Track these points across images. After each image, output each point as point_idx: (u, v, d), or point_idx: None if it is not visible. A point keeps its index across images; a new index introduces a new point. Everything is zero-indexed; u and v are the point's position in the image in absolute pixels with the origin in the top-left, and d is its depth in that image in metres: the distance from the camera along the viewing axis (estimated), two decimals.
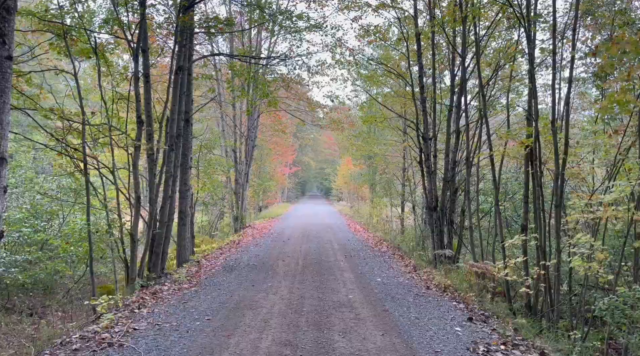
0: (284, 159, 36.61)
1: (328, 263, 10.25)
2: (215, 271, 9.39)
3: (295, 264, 10.04)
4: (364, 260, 10.76)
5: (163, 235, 9.29)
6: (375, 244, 14.03)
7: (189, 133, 11.00)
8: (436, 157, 13.02)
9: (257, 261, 10.41)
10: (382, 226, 21.40)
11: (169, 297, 7.09)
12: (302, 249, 12.48)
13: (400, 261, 10.96)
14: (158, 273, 9.11)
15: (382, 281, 8.33)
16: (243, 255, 11.49)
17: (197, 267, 9.85)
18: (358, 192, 32.19)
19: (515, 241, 7.79)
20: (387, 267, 9.90)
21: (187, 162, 10.90)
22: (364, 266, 9.87)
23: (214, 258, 11.35)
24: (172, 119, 9.46)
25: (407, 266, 10.20)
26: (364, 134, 21.30)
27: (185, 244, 10.78)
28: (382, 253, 12.29)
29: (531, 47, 7.54)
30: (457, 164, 12.78)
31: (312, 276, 8.64)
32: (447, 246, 12.14)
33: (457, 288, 7.92)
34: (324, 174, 57.14)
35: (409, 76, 13.72)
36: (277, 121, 22.00)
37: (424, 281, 8.46)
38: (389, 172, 22.30)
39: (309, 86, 18.65)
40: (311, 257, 11.03)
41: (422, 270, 9.68)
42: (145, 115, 8.88)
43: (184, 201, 10.87)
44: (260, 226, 19.57)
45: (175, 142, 9.49)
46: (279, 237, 15.52)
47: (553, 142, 7.14)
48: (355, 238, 15.59)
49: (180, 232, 10.75)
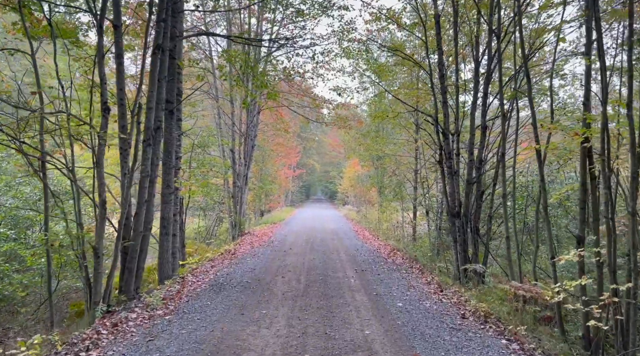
0: (287, 161, 35.01)
1: (336, 279, 8.62)
2: (200, 290, 7.79)
3: (297, 281, 8.42)
4: (377, 276, 9.12)
5: (138, 247, 7.72)
6: (388, 255, 12.39)
7: (174, 127, 9.44)
8: (459, 156, 11.39)
9: (252, 278, 8.80)
10: (392, 232, 19.74)
11: (134, 330, 5.49)
12: (305, 261, 10.86)
13: (421, 277, 9.32)
14: (131, 293, 7.53)
15: (404, 306, 6.70)
16: (237, 269, 9.89)
17: (180, 285, 8.26)
18: (365, 195, 30.53)
19: (571, 257, 6.15)
20: (406, 285, 8.26)
21: (170, 161, 9.34)
22: (379, 285, 8.23)
23: (203, 272, 9.75)
24: (150, 108, 7.90)
25: (430, 284, 8.56)
26: (373, 133, 19.68)
27: (168, 258, 9.19)
28: (397, 265, 10.65)
29: (596, 10, 5.92)
30: (483, 163, 11.18)
31: (316, 299, 7.01)
32: (473, 258, 10.57)
33: (499, 316, 6.29)
34: (328, 177, 55.49)
35: (426, 65, 12.16)
36: (279, 119, 20.42)
37: (456, 306, 6.81)
38: (399, 174, 20.66)
39: (313, 78, 17.06)
40: (316, 272, 9.41)
41: (448, 290, 8.05)
42: (118, 103, 7.34)
43: (167, 206, 9.29)
44: (260, 233, 17.96)
45: (153, 136, 7.92)
46: (280, 246, 13.92)
47: (629, 130, 5.51)
48: (365, 247, 13.95)
49: (163, 243, 9.17)
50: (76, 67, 9.22)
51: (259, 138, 24.32)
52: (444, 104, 11.32)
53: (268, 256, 11.76)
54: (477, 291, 8.41)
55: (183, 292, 7.70)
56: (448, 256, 14.30)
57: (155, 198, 8.42)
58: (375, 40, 12.38)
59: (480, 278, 9.82)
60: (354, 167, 32.82)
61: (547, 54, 13.01)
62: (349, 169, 34.80)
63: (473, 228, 10.73)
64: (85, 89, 8.37)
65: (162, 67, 8.30)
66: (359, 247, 13.84)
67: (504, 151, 8.34)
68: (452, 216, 11.11)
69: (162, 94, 8.36)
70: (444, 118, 11.37)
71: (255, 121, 18.29)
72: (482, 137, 10.73)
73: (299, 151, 40.56)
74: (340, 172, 44.30)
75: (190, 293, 7.63)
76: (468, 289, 8.53)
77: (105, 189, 6.78)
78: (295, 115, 24.71)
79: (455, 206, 10.98)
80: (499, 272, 11.66)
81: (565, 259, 6.27)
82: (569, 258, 6.15)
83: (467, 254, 10.52)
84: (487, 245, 10.94)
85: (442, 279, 9.02)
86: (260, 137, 24.33)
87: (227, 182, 18.69)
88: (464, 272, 10.01)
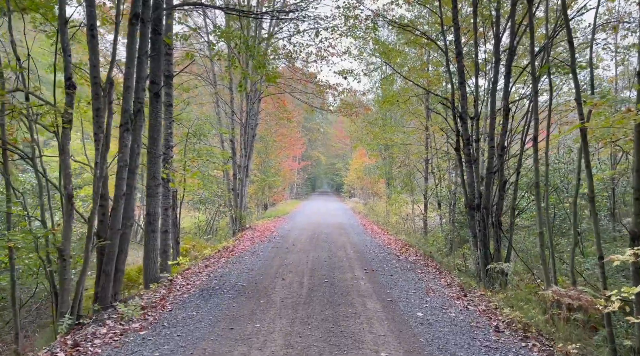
0: (291, 153, 33.94)
1: (344, 282, 7.59)
2: (188, 296, 6.79)
3: (299, 284, 7.39)
4: (390, 277, 8.08)
5: (116, 248, 6.72)
6: (400, 251, 11.34)
7: (160, 111, 8.39)
8: (478, 142, 10.31)
9: (249, 280, 7.79)
10: (402, 226, 18.67)
11: (98, 351, 4.50)
12: (309, 259, 9.85)
13: (439, 277, 8.28)
14: (108, 301, 6.55)
15: (425, 316, 5.65)
16: (233, 269, 8.89)
17: (167, 290, 7.27)
18: (372, 188, 29.44)
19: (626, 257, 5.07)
20: (424, 289, 7.22)
21: (156, 149, 8.30)
22: (394, 288, 7.19)
23: (195, 273, 8.77)
24: (128, 87, 6.86)
25: (451, 287, 7.50)
26: (380, 120, 18.54)
27: (155, 258, 8.19)
28: (411, 264, 9.60)
29: None
30: (506, 150, 10.08)
31: (321, 307, 5.99)
32: (495, 255, 9.53)
33: (540, 328, 5.24)
34: (334, 169, 54.39)
35: (441, 43, 11.07)
36: (281, 107, 19.32)
37: (486, 316, 5.76)
38: (409, 165, 19.53)
39: (317, 62, 15.94)
40: (321, 273, 8.38)
41: (473, 293, 7.00)
42: (91, 82, 6.31)
43: (153, 200, 8.27)
44: (262, 227, 16.96)
45: (131, 120, 6.88)
46: (283, 242, 12.91)
47: None
48: (374, 243, 12.91)
49: (149, 241, 8.17)
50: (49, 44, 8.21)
51: (261, 128, 23.27)
52: (460, 84, 10.24)
53: (269, 253, 10.75)
54: (504, 295, 7.37)
55: (168, 298, 6.71)
56: (465, 252, 13.24)
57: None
58: (384, 16, 11.21)
59: (504, 277, 8.80)
60: (360, 159, 31.70)
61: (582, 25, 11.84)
62: (355, 161, 33.68)
63: (495, 221, 9.67)
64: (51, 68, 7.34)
65: (143, 42, 7.24)
66: (368, 243, 12.80)
67: (536, 134, 7.21)
68: (470, 209, 10.06)
69: (144, 73, 7.31)
70: (461, 100, 10.30)
71: (256, 109, 17.22)
72: (504, 121, 9.64)
73: (304, 142, 39.47)
74: (346, 164, 43.20)
75: (176, 299, 6.63)
76: (494, 292, 7.48)
77: (71, 180, 5.77)
78: (299, 104, 23.62)
79: (474, 198, 9.94)
80: (520, 269, 10.60)
81: (620, 260, 5.19)
82: (624, 259, 5.07)
83: (488, 250, 9.49)
84: (511, 241, 9.87)
85: (464, 281, 7.96)
86: (262, 127, 23.28)
87: (227, 174, 17.68)
88: (487, 272, 8.96)
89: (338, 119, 60.13)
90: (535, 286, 9.36)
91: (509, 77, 9.78)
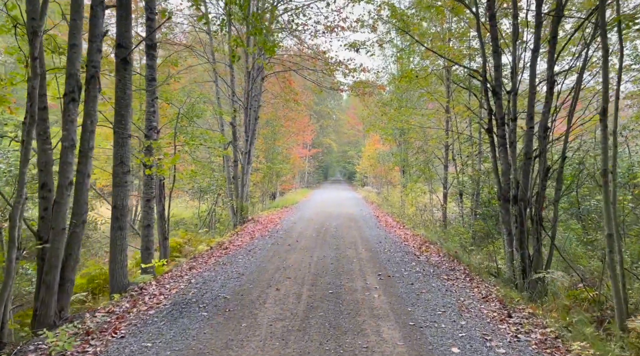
0: (301, 139, 32.29)
1: (353, 294, 6.04)
2: (154, 313, 5.32)
3: (296, 298, 5.87)
4: (410, 287, 6.51)
5: (61, 251, 5.28)
6: (419, 249, 9.76)
7: (129, 81, 6.85)
8: (516, 121, 8.64)
9: (235, 290, 6.29)
10: (419, 217, 17.03)
11: None
12: (312, 261, 8.33)
13: (470, 286, 6.69)
14: (51, 319, 5.12)
15: (462, 352, 4.08)
16: (220, 273, 7.41)
17: (131, 303, 5.81)
18: (386, 176, 27.74)
19: None
20: (455, 305, 5.63)
21: (124, 129, 6.79)
22: (416, 305, 5.62)
23: (174, 277, 7.30)
24: (73, 45, 5.34)
25: (488, 301, 5.91)
26: (395, 102, 16.80)
27: (123, 261, 6.72)
28: (434, 267, 8.02)
29: None
30: (549, 131, 8.41)
31: (321, 337, 4.45)
32: (535, 257, 7.99)
33: None
34: (347, 157, 52.63)
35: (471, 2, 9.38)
36: (287, 88, 17.67)
37: (547, 353, 4.16)
38: (427, 151, 17.81)
39: (326, 34, 14.23)
40: (325, 280, 6.84)
41: (519, 312, 5.41)
42: (30, 32, 4.78)
43: (120, 190, 6.78)
44: (266, 219, 15.47)
45: (79, 88, 5.37)
46: (286, 236, 11.41)
47: None
48: (389, 238, 11.33)
49: (115, 241, 6.70)
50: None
51: (268, 112, 21.69)
52: (494, 53, 8.60)
53: (267, 252, 9.25)
54: (557, 313, 5.77)
55: (128, 316, 5.25)
56: (492, 249, 11.61)
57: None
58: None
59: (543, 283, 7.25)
60: (373, 145, 29.94)
61: None
62: (368, 148, 31.92)
63: (535, 216, 8.04)
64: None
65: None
66: (382, 239, 11.21)
67: (606, 105, 5.50)
68: (505, 201, 8.48)
69: (98, 29, 5.77)
70: (495, 72, 8.66)
71: (258, 89, 15.62)
72: (547, 96, 8.01)
73: (314, 129, 37.76)
74: (358, 152, 41.47)
75: (138, 317, 5.17)
76: (545, 309, 5.87)
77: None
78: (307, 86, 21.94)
79: (512, 188, 8.34)
80: (555, 265, 8.95)
81: None
82: None
83: (524, 250, 7.92)
84: (553, 240, 8.23)
85: (502, 292, 6.36)
86: (268, 111, 21.70)
87: (228, 160, 16.17)
88: (524, 277, 7.39)
89: (350, 105, 58.17)
90: (580, 292, 7.75)
91: (555, 42, 8.08)
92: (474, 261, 9.46)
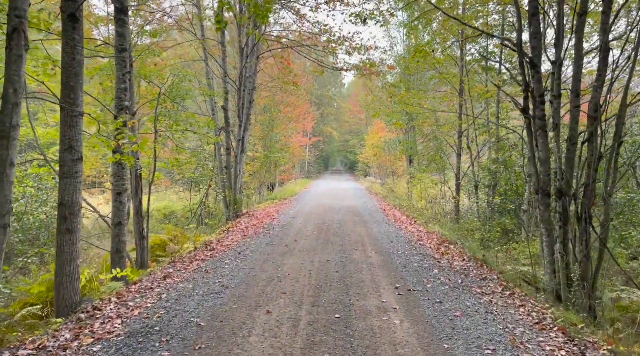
0: (300, 126, 30.71)
1: (366, 319, 4.61)
2: (99, 349, 3.91)
3: (292, 327, 4.44)
4: (439, 306, 5.08)
5: None
6: (437, 251, 8.33)
7: (78, 44, 5.35)
8: (559, 98, 7.19)
9: (213, 313, 4.87)
10: (430, 211, 15.60)
11: None
12: (313, 268, 6.90)
13: (513, 305, 5.27)
14: None
15: None
16: (199, 286, 5.99)
17: (73, 332, 4.39)
18: (391, 165, 26.25)
19: None
20: (504, 336, 4.20)
21: (75, 103, 5.30)
22: (452, 336, 4.19)
23: (141, 291, 5.88)
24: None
25: (545, 329, 4.48)
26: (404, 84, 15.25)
27: (73, 273, 5.28)
28: (460, 275, 6.59)
29: None
30: (602, 109, 6.95)
31: None
32: (582, 263, 6.65)
33: None
34: (348, 146, 51.05)
35: None
36: (286, 68, 16.12)
37: None
38: (438, 138, 16.32)
39: (328, 2, 12.65)
40: (329, 296, 5.42)
41: (591, 349, 3.99)
42: None
43: (68, 182, 5.31)
44: (262, 213, 14.05)
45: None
46: (282, 234, 9.99)
47: None
48: (401, 236, 9.90)
49: (62, 247, 5.25)
50: None
51: (265, 97, 20.16)
52: (532, 16, 7.15)
53: (259, 255, 7.83)
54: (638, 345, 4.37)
55: (64, 354, 3.83)
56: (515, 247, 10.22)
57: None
58: None
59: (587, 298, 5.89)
60: (377, 133, 28.38)
61: None
62: (371, 136, 30.35)
63: (584, 214, 6.61)
64: None
65: None
66: (393, 237, 9.78)
67: None
68: (544, 195, 7.05)
69: None
70: (533, 39, 7.21)
71: (253, 69, 14.08)
72: (601, 66, 6.58)
73: (314, 116, 36.16)
74: (361, 140, 39.89)
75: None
76: (619, 340, 4.46)
77: None
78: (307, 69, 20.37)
79: (549, 180, 6.94)
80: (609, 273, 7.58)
81: None
82: None
83: (573, 256, 6.56)
84: (605, 243, 6.79)
85: (560, 316, 4.92)
86: (265, 96, 20.15)
87: (220, 148, 14.69)
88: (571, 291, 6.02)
89: (352, 93, 56.36)
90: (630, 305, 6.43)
91: (610, 3, 6.63)
92: (501, 263, 8.07)
